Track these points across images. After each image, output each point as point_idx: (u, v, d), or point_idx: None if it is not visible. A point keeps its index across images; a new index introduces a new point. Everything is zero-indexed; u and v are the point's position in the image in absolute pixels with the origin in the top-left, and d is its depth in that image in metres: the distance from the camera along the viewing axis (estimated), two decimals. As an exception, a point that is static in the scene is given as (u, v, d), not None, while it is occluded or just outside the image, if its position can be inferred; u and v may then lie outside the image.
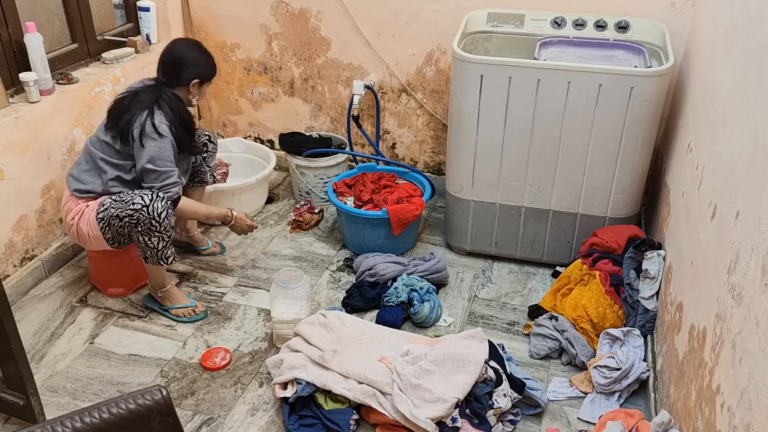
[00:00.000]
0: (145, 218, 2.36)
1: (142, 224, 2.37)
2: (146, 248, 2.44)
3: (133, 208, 2.35)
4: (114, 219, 2.38)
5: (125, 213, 2.36)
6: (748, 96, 1.64)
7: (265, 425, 2.16)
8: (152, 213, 2.36)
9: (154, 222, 2.37)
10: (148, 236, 2.41)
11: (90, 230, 2.42)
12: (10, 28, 2.59)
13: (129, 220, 2.37)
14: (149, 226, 2.38)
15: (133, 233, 2.40)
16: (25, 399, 2.01)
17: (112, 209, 2.38)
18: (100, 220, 2.40)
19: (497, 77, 2.54)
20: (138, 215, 2.35)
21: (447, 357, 2.15)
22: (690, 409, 1.68)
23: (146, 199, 2.35)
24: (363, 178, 3.16)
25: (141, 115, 2.37)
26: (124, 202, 2.37)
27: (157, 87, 2.46)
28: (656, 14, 2.79)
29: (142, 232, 2.39)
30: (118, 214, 2.37)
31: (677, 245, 2.21)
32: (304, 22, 3.29)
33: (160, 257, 2.47)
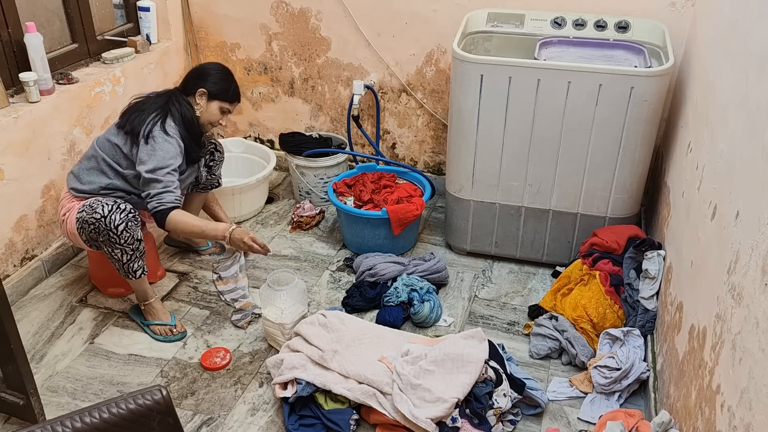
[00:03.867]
0: (103, 228, 2.30)
1: (102, 234, 2.31)
2: (111, 259, 2.39)
3: (94, 216, 2.31)
4: (85, 223, 2.34)
5: (89, 218, 2.32)
6: (748, 96, 1.64)
7: (265, 425, 2.16)
8: (109, 224, 2.29)
9: (111, 233, 2.30)
10: (110, 247, 2.34)
11: (71, 228, 2.42)
12: (10, 28, 2.59)
13: (93, 228, 2.33)
14: (107, 237, 2.31)
15: (98, 243, 2.37)
16: (25, 399, 2.01)
17: (85, 212, 2.35)
18: (77, 220, 2.37)
19: (497, 77, 2.54)
20: (98, 224, 2.30)
21: (447, 357, 2.15)
22: (690, 409, 1.68)
23: (105, 209, 2.29)
24: (363, 178, 3.16)
25: (153, 116, 2.40)
26: (91, 208, 2.33)
27: (171, 92, 2.52)
28: (656, 14, 2.79)
29: (104, 243, 2.34)
30: (87, 219, 2.33)
31: (677, 245, 2.22)
32: (304, 22, 3.29)
33: (127, 270, 2.40)
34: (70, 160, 2.82)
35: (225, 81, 2.56)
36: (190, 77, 2.56)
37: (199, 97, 2.52)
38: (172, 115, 2.42)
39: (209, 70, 2.55)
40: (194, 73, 2.57)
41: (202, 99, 2.52)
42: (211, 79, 2.53)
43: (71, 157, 2.83)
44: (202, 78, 2.53)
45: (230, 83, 2.58)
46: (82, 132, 2.86)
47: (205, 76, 2.53)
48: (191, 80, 2.54)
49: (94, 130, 2.91)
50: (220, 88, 2.54)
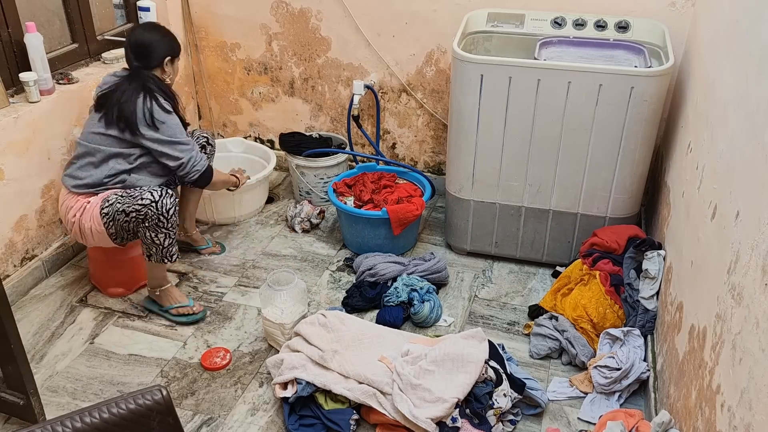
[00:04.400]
0: (153, 214, 2.38)
1: (149, 220, 2.39)
2: (151, 245, 2.46)
3: (141, 203, 2.37)
4: (119, 214, 2.40)
5: (132, 208, 2.38)
6: (748, 96, 1.64)
7: (265, 425, 2.16)
8: (161, 209, 2.39)
9: (162, 218, 2.40)
10: (155, 232, 2.42)
11: (93, 225, 2.43)
12: (10, 28, 2.59)
13: (136, 216, 2.39)
14: (157, 221, 2.40)
15: (140, 229, 2.42)
16: (25, 399, 2.01)
17: (118, 204, 2.40)
18: (104, 215, 2.41)
19: (497, 77, 2.54)
20: (146, 210, 2.37)
21: (447, 357, 2.15)
22: (690, 409, 1.68)
23: (155, 194, 2.39)
24: (363, 178, 3.16)
25: (142, 102, 2.41)
26: (132, 197, 2.40)
27: (138, 73, 2.50)
28: (656, 14, 2.79)
29: (149, 228, 2.41)
30: (124, 209, 2.39)
31: (677, 245, 2.22)
32: (304, 22, 3.29)
33: (164, 254, 2.49)
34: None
35: (172, 39, 2.59)
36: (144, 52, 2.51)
37: (167, 65, 2.55)
38: (157, 93, 2.45)
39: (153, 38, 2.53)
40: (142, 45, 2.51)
41: (168, 65, 2.55)
42: (168, 43, 2.55)
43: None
44: (160, 47, 2.52)
45: (174, 36, 2.60)
46: (82, 132, 2.86)
47: (162, 43, 2.53)
48: (147, 54, 2.51)
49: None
50: (175, 46, 2.59)
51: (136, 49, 2.52)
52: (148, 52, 2.51)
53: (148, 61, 2.52)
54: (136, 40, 2.52)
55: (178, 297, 2.63)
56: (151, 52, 2.51)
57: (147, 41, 2.52)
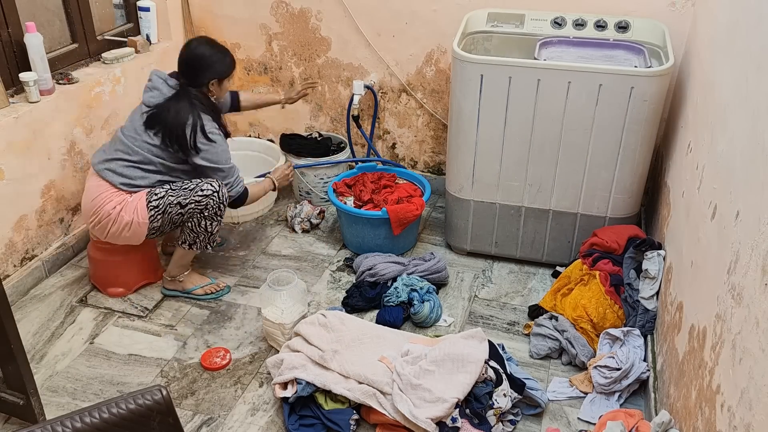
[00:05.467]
0: (214, 203, 2.50)
1: (209, 209, 2.50)
2: (201, 233, 2.56)
3: (202, 194, 2.48)
4: (173, 206, 2.46)
5: (190, 200, 2.47)
6: (748, 96, 1.64)
7: (265, 425, 2.16)
8: (222, 198, 2.52)
9: (222, 206, 2.53)
10: (210, 221, 2.54)
11: (136, 218, 2.46)
12: (10, 28, 2.59)
13: (195, 207, 2.48)
14: (216, 210, 2.53)
15: (194, 219, 2.51)
16: (25, 399, 2.01)
17: (171, 197, 2.47)
18: (153, 208, 2.46)
19: (497, 77, 2.54)
20: (207, 201, 2.49)
21: (447, 357, 2.15)
22: (690, 409, 1.68)
23: (215, 185, 2.50)
24: (363, 178, 3.16)
25: (191, 128, 2.44)
26: (188, 190, 2.48)
27: (185, 91, 2.50)
28: (656, 14, 2.79)
29: (207, 217, 2.53)
30: (179, 202, 2.46)
31: (677, 245, 2.21)
32: (304, 22, 3.29)
33: (209, 241, 2.62)
34: (70, 160, 2.83)
35: (224, 60, 2.57)
36: (193, 70, 2.52)
37: (212, 86, 2.55)
38: (205, 117, 2.48)
39: (209, 57, 2.52)
40: (194, 63, 2.51)
41: (214, 86, 2.56)
42: (217, 65, 2.53)
43: (71, 157, 2.83)
44: (207, 68, 2.51)
45: (228, 57, 2.59)
46: (82, 132, 2.86)
47: (209, 64, 2.51)
48: (196, 73, 2.51)
49: (94, 130, 2.91)
50: (224, 69, 2.56)
51: (187, 66, 2.53)
52: (195, 72, 2.52)
53: (193, 81, 2.52)
54: (188, 55, 2.52)
55: (200, 278, 2.75)
56: (199, 73, 2.51)
57: (197, 60, 2.51)
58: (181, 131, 2.44)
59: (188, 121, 2.44)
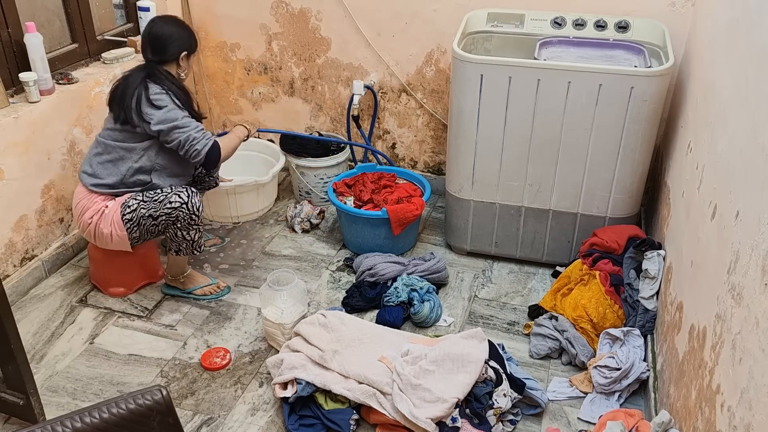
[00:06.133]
0: (185, 215, 2.46)
1: (181, 221, 2.47)
2: (182, 242, 2.55)
3: (170, 206, 2.44)
4: (146, 219, 2.44)
5: (161, 212, 2.43)
6: (748, 96, 1.64)
7: (265, 425, 2.16)
8: (192, 208, 2.47)
9: (193, 216, 2.49)
10: (186, 230, 2.52)
11: (114, 230, 2.45)
12: (10, 28, 2.59)
13: (166, 219, 2.45)
14: (189, 221, 2.49)
15: (170, 230, 2.49)
16: (25, 399, 2.01)
17: (142, 210, 2.43)
18: (128, 221, 2.44)
19: (497, 77, 2.54)
20: (177, 213, 2.45)
21: (447, 357, 2.15)
22: (690, 409, 1.68)
23: (183, 196, 2.45)
24: (363, 178, 3.16)
25: (136, 91, 2.39)
26: (158, 202, 2.43)
27: (147, 65, 2.48)
28: (656, 14, 2.79)
29: (181, 228, 2.50)
30: (151, 214, 2.44)
31: (677, 245, 2.21)
32: (304, 22, 3.29)
33: (194, 247, 2.59)
34: (70, 160, 2.83)
35: (191, 34, 2.54)
36: (160, 45, 2.47)
37: (182, 61, 2.51)
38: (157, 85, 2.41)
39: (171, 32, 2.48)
40: (159, 37, 2.47)
41: (185, 61, 2.52)
42: (182, 38, 2.49)
43: (71, 157, 2.83)
44: (171, 41, 2.47)
45: (192, 32, 2.56)
46: (82, 132, 2.86)
47: (175, 38, 2.48)
48: (163, 48, 2.47)
49: (94, 130, 2.91)
50: (192, 42, 2.54)
51: (152, 42, 2.47)
52: (164, 45, 2.47)
53: (163, 55, 2.47)
54: (151, 31, 2.48)
55: (200, 278, 2.74)
56: (168, 45, 2.47)
57: (164, 34, 2.47)
58: (127, 105, 2.39)
59: (134, 93, 2.39)
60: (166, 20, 2.55)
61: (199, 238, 2.58)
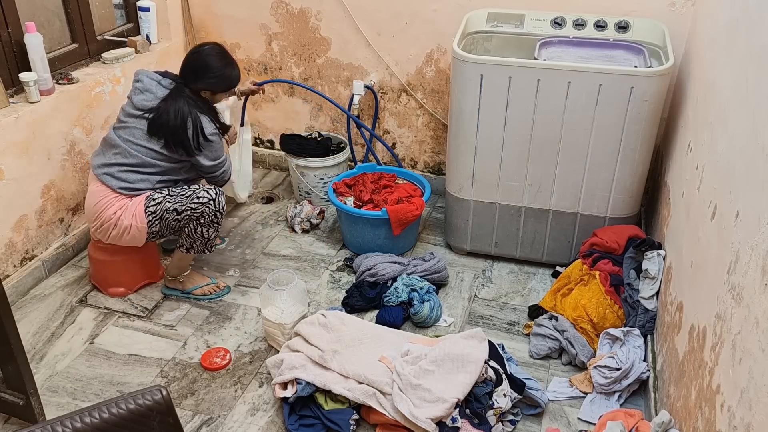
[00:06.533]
0: (210, 211, 2.51)
1: (206, 216, 2.52)
2: (198, 239, 2.57)
3: (198, 201, 2.49)
4: (170, 212, 2.47)
5: (187, 207, 2.47)
6: (748, 96, 1.64)
7: (265, 425, 2.16)
8: (218, 206, 2.53)
9: (218, 214, 2.55)
10: (207, 228, 2.55)
11: (135, 223, 2.47)
12: (10, 28, 2.59)
13: (191, 213, 2.48)
14: (213, 218, 2.54)
15: (191, 225, 2.52)
16: (25, 399, 2.01)
17: (168, 203, 2.47)
18: (150, 213, 2.46)
19: (497, 77, 2.54)
20: (203, 208, 2.50)
21: (447, 357, 2.15)
22: (690, 409, 1.68)
23: (212, 193, 2.51)
24: (363, 178, 3.16)
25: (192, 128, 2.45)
26: (185, 197, 2.48)
27: (180, 91, 2.50)
28: (656, 14, 2.79)
29: (204, 224, 2.54)
30: (176, 208, 2.47)
31: (677, 245, 2.21)
32: (304, 22, 3.29)
33: (207, 246, 2.62)
34: (70, 160, 2.82)
35: (225, 76, 2.55)
36: (192, 73, 2.52)
37: (204, 93, 2.56)
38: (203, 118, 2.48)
39: (208, 67, 2.51)
40: (193, 66, 2.52)
41: (207, 94, 2.57)
42: (211, 79, 2.52)
43: (71, 157, 2.83)
44: (201, 77, 2.51)
45: (231, 74, 2.57)
46: (82, 132, 2.86)
47: (204, 74, 2.51)
48: (192, 77, 2.52)
49: (94, 130, 2.91)
50: (221, 85, 2.56)
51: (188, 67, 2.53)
52: (194, 76, 2.52)
53: (189, 82, 2.52)
54: (194, 58, 2.53)
55: (200, 278, 2.75)
56: (197, 79, 2.52)
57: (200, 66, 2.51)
58: (183, 135, 2.45)
59: (188, 125, 2.45)
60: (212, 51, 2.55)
61: (214, 237, 2.62)
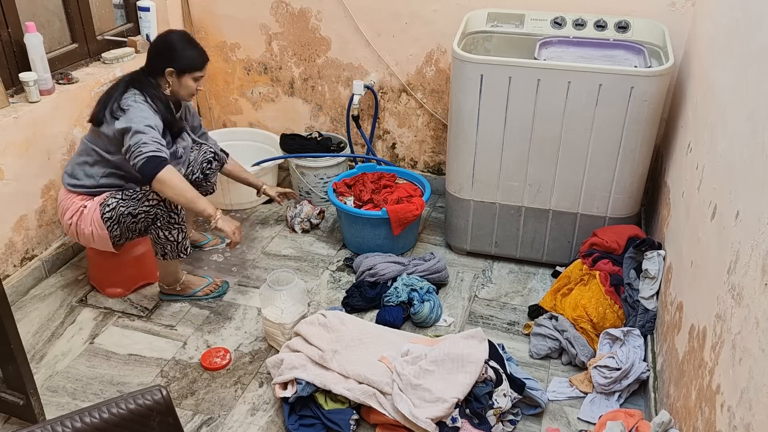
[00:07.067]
0: (163, 212, 2.40)
1: (161, 219, 2.41)
2: (166, 243, 2.47)
3: (148, 204, 2.38)
4: (125, 217, 2.39)
5: (140, 210, 2.38)
6: (748, 96, 1.64)
7: (265, 425, 2.16)
8: (170, 205, 2.40)
9: (172, 214, 2.42)
10: (167, 230, 2.45)
11: (95, 230, 2.43)
12: (10, 28, 2.59)
13: (145, 216, 2.39)
14: (168, 219, 2.43)
15: (151, 229, 2.44)
16: (25, 399, 2.01)
17: (121, 208, 2.39)
18: (107, 220, 2.40)
19: (497, 77, 2.54)
20: (156, 210, 2.39)
21: (447, 357, 2.15)
22: (690, 409, 1.68)
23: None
24: (363, 178, 3.16)
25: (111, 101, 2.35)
26: (136, 200, 2.39)
27: (135, 73, 2.46)
28: (656, 14, 2.79)
29: (162, 227, 2.43)
30: (130, 212, 2.39)
31: (677, 245, 2.22)
32: (304, 22, 3.29)
33: (180, 250, 2.51)
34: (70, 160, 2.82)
35: (189, 52, 2.45)
36: (154, 55, 2.44)
37: (168, 76, 2.44)
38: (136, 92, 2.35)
39: (170, 46, 2.42)
40: (156, 50, 2.45)
41: (172, 77, 2.44)
42: (175, 55, 2.42)
43: (71, 157, 2.83)
44: (165, 56, 2.42)
45: (194, 51, 2.46)
46: (82, 132, 2.86)
47: (168, 53, 2.42)
48: (155, 59, 2.44)
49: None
50: (186, 63, 2.43)
51: (150, 52, 2.46)
52: (153, 54, 2.45)
53: (150, 65, 2.45)
54: (155, 42, 2.48)
55: (198, 281, 2.72)
56: (156, 58, 2.43)
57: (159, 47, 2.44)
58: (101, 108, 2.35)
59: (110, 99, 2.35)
60: (173, 34, 2.47)
61: (183, 239, 2.49)
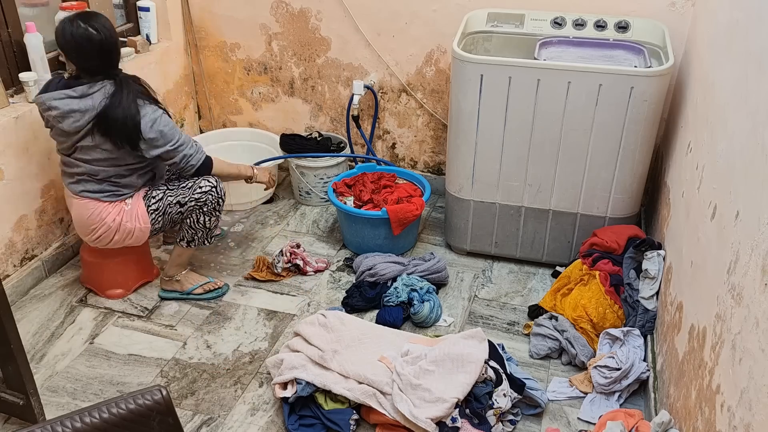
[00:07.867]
0: (213, 199, 2.52)
1: (209, 204, 2.52)
2: (200, 229, 2.57)
3: (200, 191, 2.49)
4: (173, 206, 2.48)
5: (189, 197, 2.48)
6: (748, 96, 1.65)
7: (265, 425, 2.16)
8: (220, 192, 2.54)
9: (221, 201, 2.56)
10: (209, 216, 2.56)
11: (138, 225, 2.47)
12: (10, 28, 2.59)
13: (194, 204, 2.49)
14: (215, 206, 2.55)
15: (193, 216, 2.54)
16: (25, 399, 2.01)
17: (169, 197, 2.48)
18: (153, 211, 2.48)
19: (497, 77, 2.54)
20: (206, 197, 2.50)
21: (447, 357, 2.15)
22: (690, 409, 1.68)
23: (212, 180, 2.52)
24: (363, 178, 3.16)
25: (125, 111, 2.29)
26: (186, 188, 2.49)
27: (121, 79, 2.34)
28: (656, 14, 2.79)
29: (206, 213, 2.54)
30: (179, 201, 2.48)
31: (677, 245, 2.22)
32: (304, 22, 3.29)
33: (207, 237, 2.63)
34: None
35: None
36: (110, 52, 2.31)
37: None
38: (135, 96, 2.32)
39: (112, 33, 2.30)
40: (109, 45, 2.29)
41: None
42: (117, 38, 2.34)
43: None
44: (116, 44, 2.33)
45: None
46: (82, 132, 2.86)
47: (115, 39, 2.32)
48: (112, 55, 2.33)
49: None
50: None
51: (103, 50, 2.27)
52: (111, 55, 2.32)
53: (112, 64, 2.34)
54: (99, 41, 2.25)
55: (198, 278, 2.73)
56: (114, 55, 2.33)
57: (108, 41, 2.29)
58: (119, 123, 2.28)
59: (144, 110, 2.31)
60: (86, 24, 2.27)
61: (214, 227, 2.62)
